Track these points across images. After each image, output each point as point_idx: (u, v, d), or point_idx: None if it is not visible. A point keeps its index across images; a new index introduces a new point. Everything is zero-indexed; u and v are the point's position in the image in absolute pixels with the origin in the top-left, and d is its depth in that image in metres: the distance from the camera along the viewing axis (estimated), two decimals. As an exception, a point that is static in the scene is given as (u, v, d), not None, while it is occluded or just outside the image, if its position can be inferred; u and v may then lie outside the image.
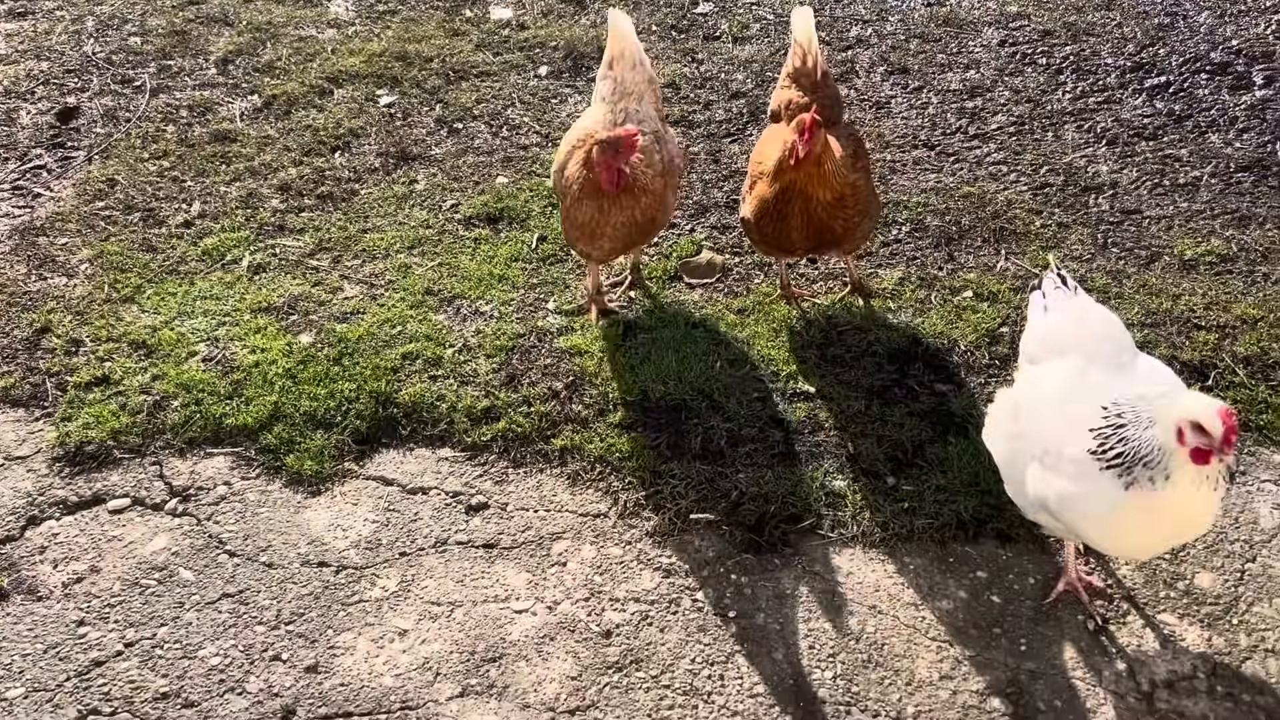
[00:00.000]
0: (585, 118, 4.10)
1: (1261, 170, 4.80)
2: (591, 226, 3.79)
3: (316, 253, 4.58)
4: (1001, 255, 4.43)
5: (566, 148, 3.94)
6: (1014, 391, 3.12)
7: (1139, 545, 2.85)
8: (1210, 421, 2.49)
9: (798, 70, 4.09)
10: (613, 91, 4.01)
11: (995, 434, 3.12)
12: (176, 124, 5.41)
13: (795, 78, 4.10)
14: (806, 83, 4.06)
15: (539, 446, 3.68)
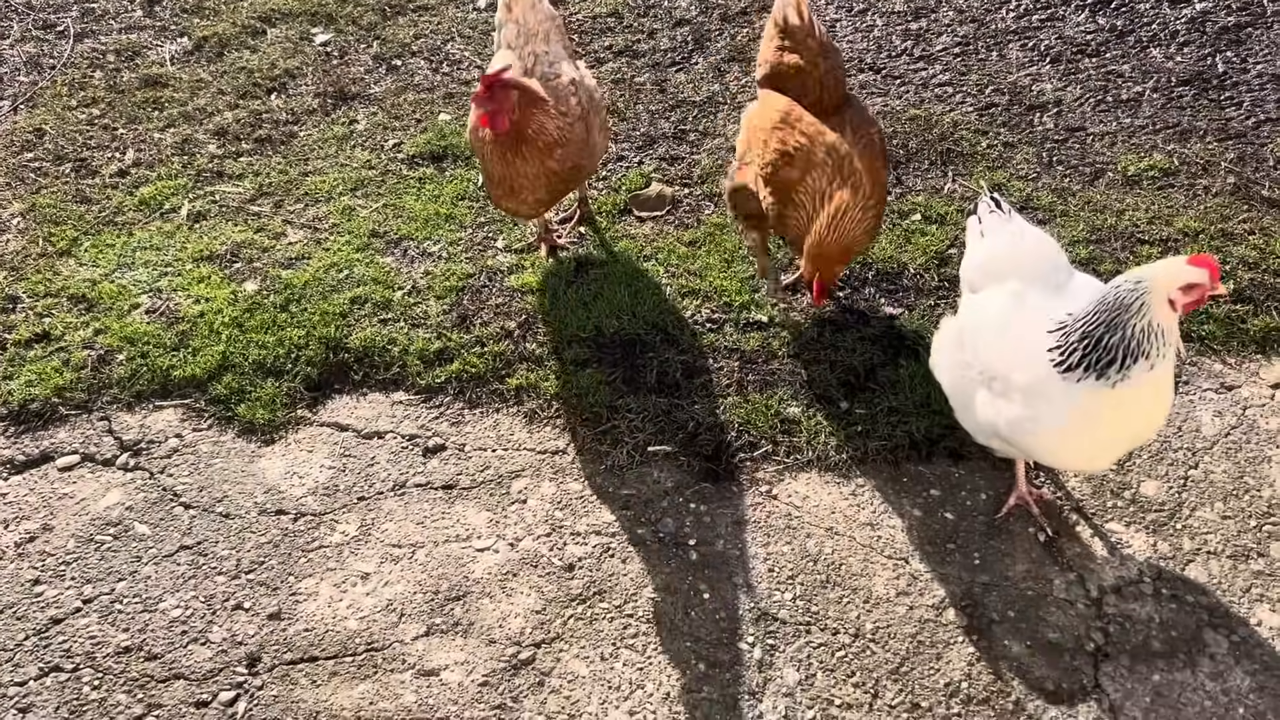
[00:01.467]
0: (492, 67, 3.76)
1: (1202, 83, 4.83)
2: (508, 182, 3.59)
3: (257, 198, 4.48)
4: (949, 177, 4.44)
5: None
6: (957, 320, 3.13)
7: (1093, 455, 2.90)
8: (1197, 275, 2.53)
9: (792, 27, 3.56)
10: (516, 35, 3.76)
11: (941, 362, 3.15)
12: (104, 69, 5.23)
13: (788, 34, 3.58)
14: (810, 44, 3.53)
15: (494, 386, 3.67)
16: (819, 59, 3.53)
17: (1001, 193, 4.23)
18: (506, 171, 3.56)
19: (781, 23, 3.60)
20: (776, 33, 3.61)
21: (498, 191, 3.68)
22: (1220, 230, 4.06)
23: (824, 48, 3.56)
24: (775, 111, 3.51)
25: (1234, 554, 3.08)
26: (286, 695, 2.86)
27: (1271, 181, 4.29)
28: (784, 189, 3.43)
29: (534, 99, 3.48)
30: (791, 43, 3.56)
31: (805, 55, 3.53)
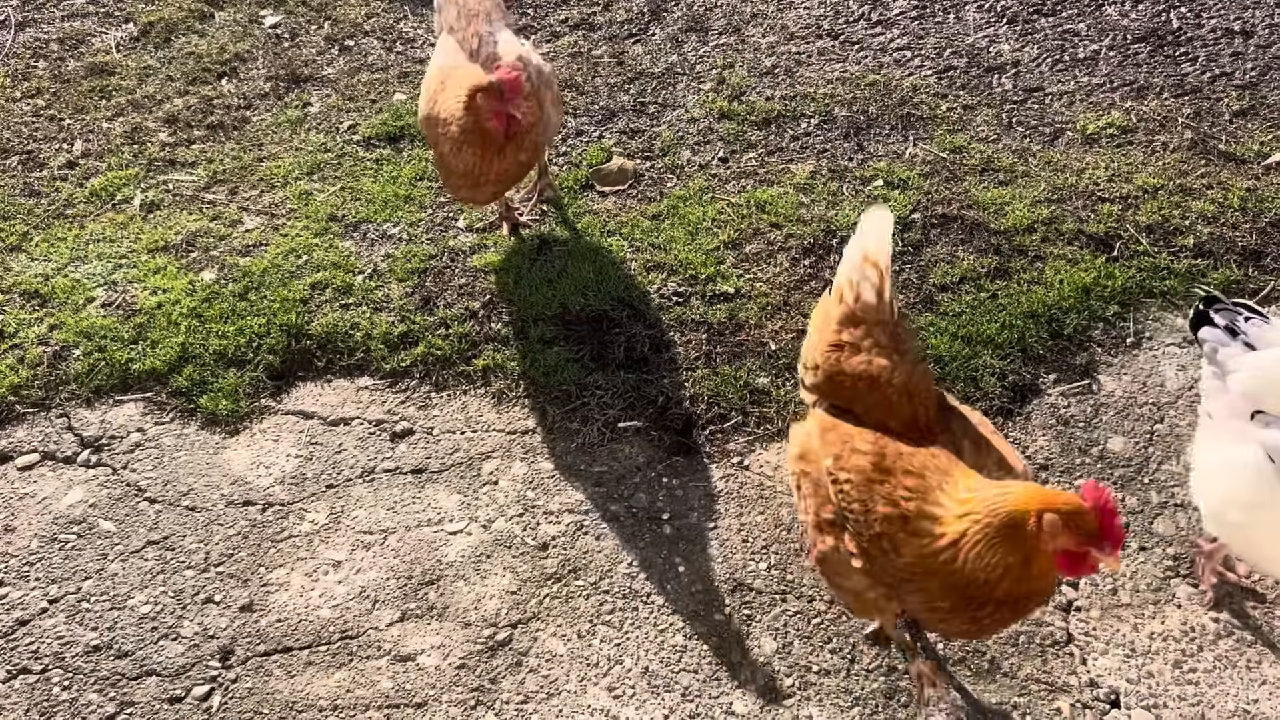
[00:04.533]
0: (438, 54, 3.74)
1: (1157, 40, 4.85)
2: (475, 175, 3.50)
3: (212, 185, 4.40)
4: (910, 141, 4.43)
5: (430, 91, 3.60)
6: (1245, 452, 2.53)
7: None
8: None
9: (865, 308, 2.51)
10: (457, 16, 3.67)
11: (1234, 495, 2.58)
12: (48, 59, 5.10)
13: (857, 320, 2.52)
14: (883, 337, 2.50)
15: (461, 368, 3.63)
16: (897, 357, 2.48)
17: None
18: (477, 166, 3.47)
19: (852, 303, 2.52)
20: (840, 317, 2.54)
21: (459, 183, 3.59)
22: (1179, 186, 4.09)
23: (899, 337, 2.52)
24: (863, 455, 2.41)
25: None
26: (261, 687, 2.83)
27: (1228, 136, 4.32)
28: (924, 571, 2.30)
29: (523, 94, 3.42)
30: (862, 332, 2.50)
31: (881, 353, 2.48)
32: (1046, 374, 3.50)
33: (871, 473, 2.36)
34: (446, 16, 3.69)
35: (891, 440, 2.40)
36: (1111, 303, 3.68)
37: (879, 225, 2.55)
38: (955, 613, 2.29)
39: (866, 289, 2.49)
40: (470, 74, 3.50)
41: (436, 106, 3.53)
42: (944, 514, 2.24)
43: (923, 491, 2.29)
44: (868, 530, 2.34)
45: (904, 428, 2.43)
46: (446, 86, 3.52)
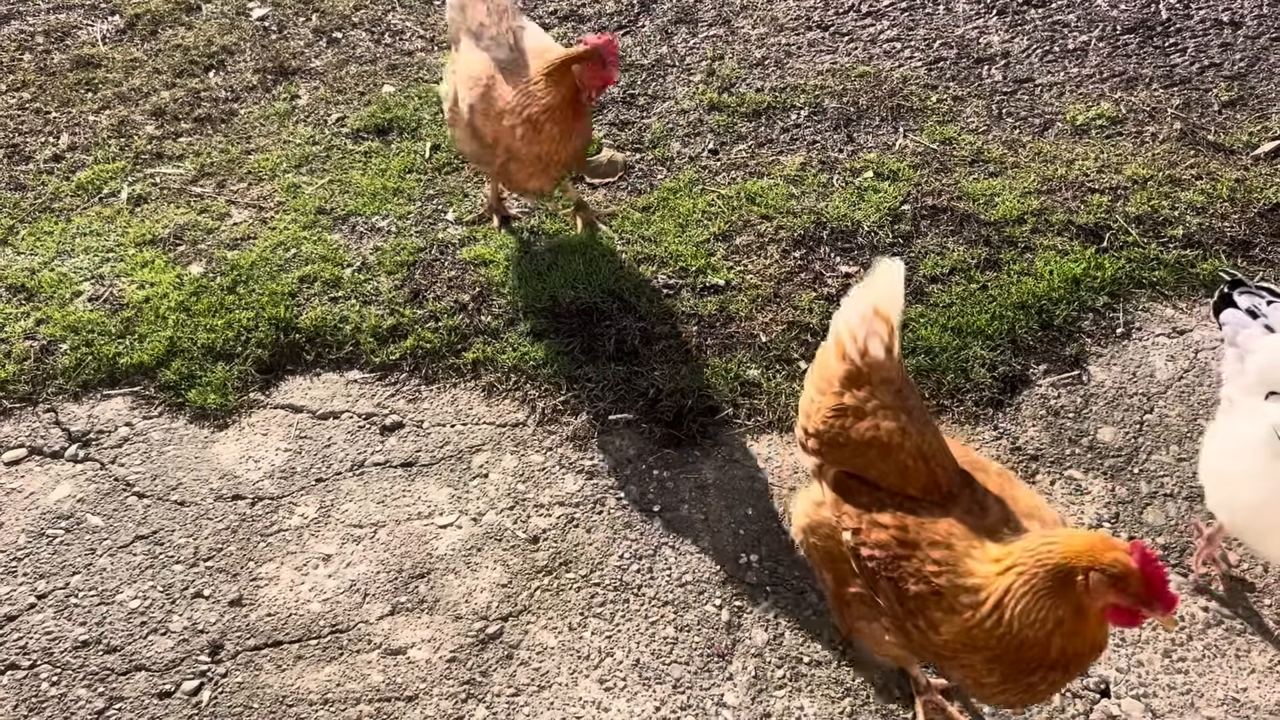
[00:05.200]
0: (468, 54, 3.59)
1: (1146, 31, 4.85)
2: (549, 158, 3.47)
3: (199, 179, 4.37)
4: (900, 133, 4.42)
5: (477, 89, 3.48)
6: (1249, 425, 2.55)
7: None
8: None
9: (873, 364, 2.33)
10: (488, 13, 3.57)
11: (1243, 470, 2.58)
12: (33, 51, 5.06)
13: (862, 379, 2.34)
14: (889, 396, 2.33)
15: (450, 361, 3.62)
16: (905, 418, 2.30)
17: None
18: (554, 148, 3.43)
19: (858, 359, 2.33)
20: (843, 376, 2.36)
21: (529, 171, 3.53)
22: (1168, 176, 4.09)
23: (904, 395, 2.34)
24: (884, 529, 2.28)
25: (1190, 495, 3.12)
26: (251, 681, 2.82)
27: (1216, 126, 4.32)
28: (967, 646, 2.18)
29: None
30: (866, 393, 2.32)
31: (889, 416, 2.30)
32: (1036, 365, 3.50)
33: (897, 548, 2.23)
34: (475, 14, 3.58)
35: (911, 511, 2.27)
36: (1101, 293, 3.68)
37: (890, 277, 2.36)
38: (1006, 683, 2.17)
39: (875, 344, 2.30)
40: (535, 54, 3.51)
41: (497, 100, 3.44)
42: (981, 579, 2.12)
43: (952, 563, 2.16)
44: (902, 609, 2.24)
45: (923, 492, 2.29)
46: (499, 80, 3.46)
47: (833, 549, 2.41)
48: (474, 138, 3.58)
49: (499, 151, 3.52)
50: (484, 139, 3.53)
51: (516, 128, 3.42)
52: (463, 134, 3.65)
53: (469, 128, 3.57)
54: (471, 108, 3.51)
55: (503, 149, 3.50)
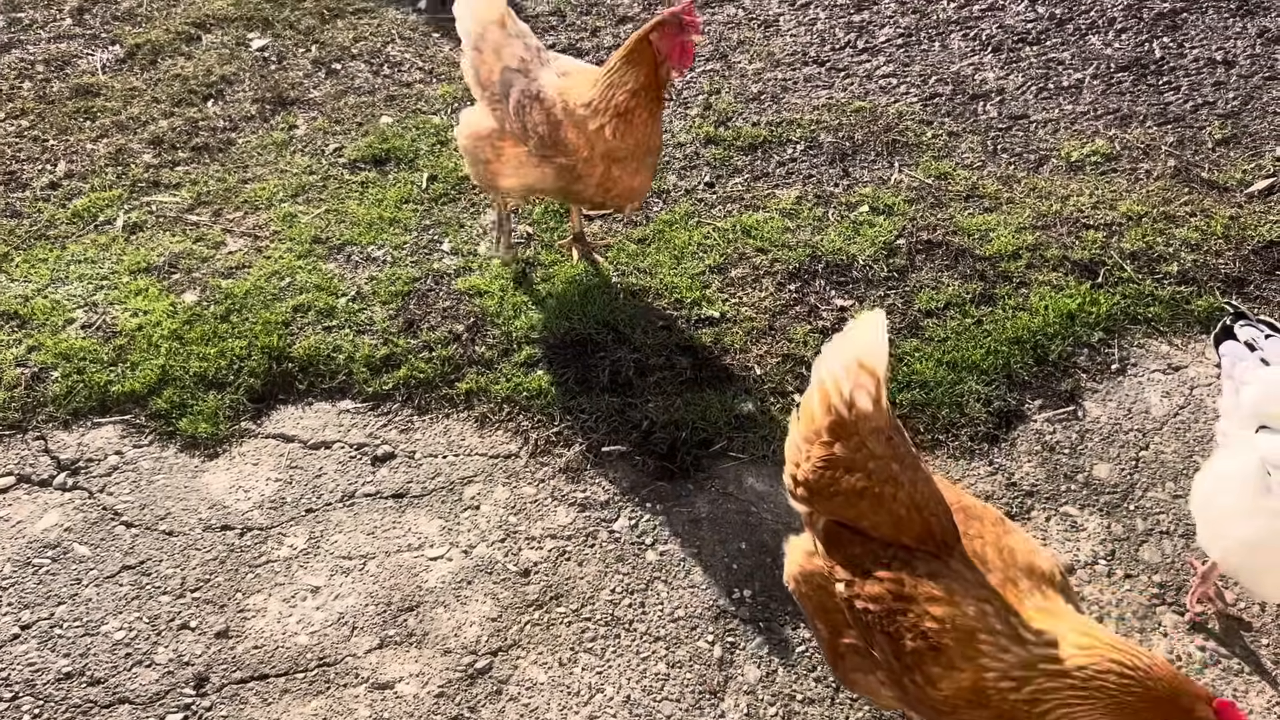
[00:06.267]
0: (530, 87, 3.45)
1: (1140, 69, 4.89)
2: (647, 144, 3.40)
3: (195, 207, 4.37)
4: (895, 167, 4.44)
5: (554, 107, 3.40)
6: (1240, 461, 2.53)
7: None
8: None
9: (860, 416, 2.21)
10: (526, 48, 3.54)
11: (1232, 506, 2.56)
12: (33, 80, 5.08)
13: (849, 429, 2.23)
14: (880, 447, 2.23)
15: (444, 391, 3.60)
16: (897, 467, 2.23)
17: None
18: (645, 135, 3.37)
19: (845, 411, 2.23)
20: (830, 426, 2.26)
21: (632, 168, 3.44)
22: (1163, 213, 4.10)
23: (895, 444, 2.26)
24: (880, 582, 2.23)
25: (1186, 533, 3.10)
26: (237, 715, 2.78)
27: (1210, 164, 4.34)
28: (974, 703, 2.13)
29: None
30: (855, 444, 2.23)
31: (879, 465, 2.23)
32: (1032, 400, 3.49)
33: (892, 602, 2.17)
34: (513, 52, 3.54)
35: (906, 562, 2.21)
36: (1096, 329, 3.68)
37: (872, 329, 2.26)
38: None
39: (862, 397, 2.21)
40: (587, 72, 3.50)
41: (576, 107, 3.39)
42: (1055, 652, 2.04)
43: (951, 620, 2.10)
44: (899, 664, 2.19)
45: (917, 542, 2.23)
46: (569, 90, 3.43)
47: (826, 600, 2.36)
48: (552, 161, 3.47)
49: (596, 160, 3.40)
50: (573, 153, 3.41)
51: (606, 126, 3.35)
52: (531, 170, 3.54)
53: (550, 149, 3.44)
54: (552, 125, 3.40)
55: (600, 154, 3.39)
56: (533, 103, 3.44)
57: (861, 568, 2.26)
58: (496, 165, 3.65)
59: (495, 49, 3.57)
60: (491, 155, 3.65)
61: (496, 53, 3.57)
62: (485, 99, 3.62)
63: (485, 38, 3.58)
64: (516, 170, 3.59)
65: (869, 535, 2.29)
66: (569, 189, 3.55)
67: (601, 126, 3.36)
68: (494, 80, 3.56)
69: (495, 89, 3.56)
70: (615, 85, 3.34)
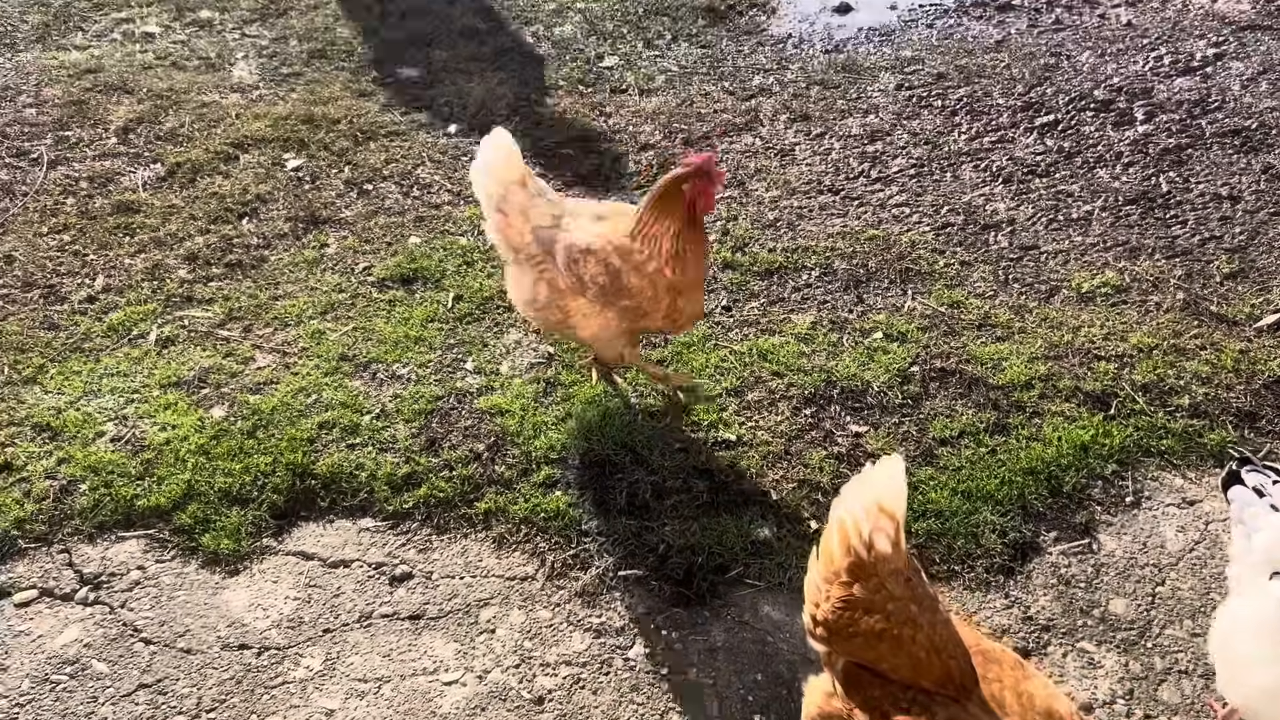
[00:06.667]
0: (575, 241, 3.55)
1: (1148, 203, 5.02)
2: (700, 274, 3.58)
3: (227, 323, 4.50)
4: (908, 295, 4.54)
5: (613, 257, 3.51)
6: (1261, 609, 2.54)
7: None
8: None
9: (879, 558, 2.26)
10: (550, 203, 3.65)
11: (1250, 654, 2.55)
12: (76, 196, 5.29)
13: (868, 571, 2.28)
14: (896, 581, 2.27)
15: (462, 511, 3.65)
16: (915, 609, 2.26)
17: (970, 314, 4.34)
18: (695, 266, 3.54)
19: (864, 553, 2.27)
20: (848, 568, 2.30)
21: (694, 295, 3.60)
22: (1173, 346, 4.17)
23: (913, 585, 2.29)
24: None
25: (1205, 673, 3.08)
26: (246, 843, 2.75)
27: (1219, 297, 4.43)
28: None
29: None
30: (874, 585, 2.27)
31: (899, 607, 2.25)
32: (1047, 532, 3.51)
33: None
34: (540, 210, 3.64)
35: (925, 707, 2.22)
36: (1110, 461, 3.72)
37: (892, 472, 2.31)
38: None
39: (881, 540, 2.24)
40: (620, 212, 3.63)
41: (633, 251, 3.50)
42: None
43: None
44: None
45: (936, 685, 2.24)
46: (612, 235, 3.54)
47: None
48: (616, 305, 3.58)
49: (661, 295, 3.54)
50: (637, 295, 3.54)
51: (664, 267, 3.50)
52: (597, 316, 3.63)
53: (614, 296, 3.55)
54: (612, 274, 3.52)
55: (664, 290, 3.53)
56: (585, 256, 3.54)
57: (880, 710, 2.27)
58: (568, 321, 3.70)
59: (521, 211, 3.64)
60: (560, 315, 3.69)
61: (523, 214, 3.64)
62: (522, 260, 3.68)
63: (509, 200, 3.65)
64: (585, 320, 3.66)
65: (888, 678, 2.30)
66: (637, 325, 3.67)
67: (659, 268, 3.50)
68: (527, 241, 3.64)
69: (531, 249, 3.63)
70: (659, 233, 3.49)
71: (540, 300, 3.69)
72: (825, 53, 6.59)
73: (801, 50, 6.63)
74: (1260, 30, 6.46)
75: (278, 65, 6.52)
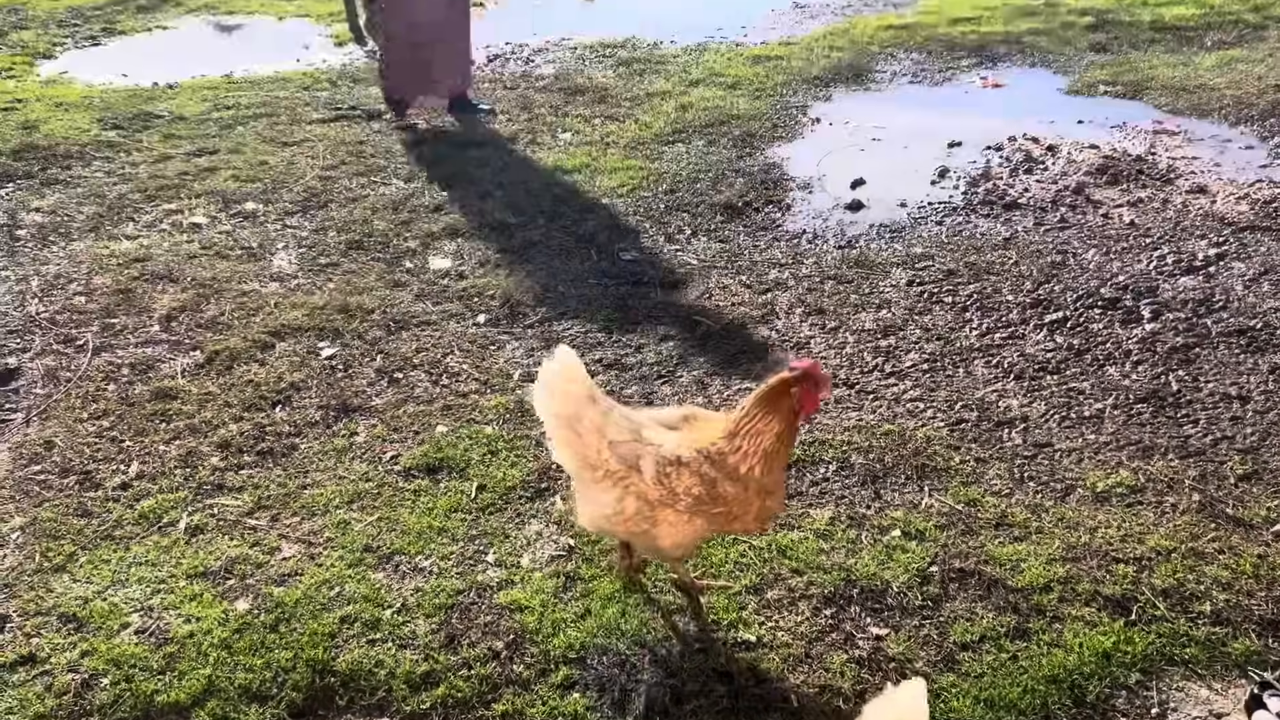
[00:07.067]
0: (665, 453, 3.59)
1: (1158, 401, 5.12)
2: (781, 478, 3.65)
3: (255, 511, 4.59)
4: (925, 492, 4.61)
5: (698, 467, 3.55)
6: None
7: None
8: None
9: None
10: (623, 415, 3.68)
11: None
12: (118, 382, 5.49)
13: None
14: None
15: (480, 713, 3.63)
16: None
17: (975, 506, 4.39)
18: (784, 466, 3.64)
19: None
20: None
21: (779, 494, 3.67)
22: (1191, 549, 4.19)
23: None
24: None
25: None
26: None
27: (1234, 500, 4.47)
28: None
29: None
30: None
31: None
32: (1072, 745, 3.46)
33: None
34: (615, 424, 3.64)
35: None
36: (1133, 670, 3.69)
37: (914, 696, 2.38)
38: None
39: None
40: (707, 420, 3.72)
41: (726, 457, 3.56)
42: None
43: None
44: None
45: None
46: (699, 442, 3.61)
47: None
48: (708, 512, 3.61)
49: (751, 499, 3.59)
50: (731, 501, 3.59)
51: (756, 467, 3.55)
52: (685, 525, 3.65)
53: (709, 504, 3.59)
54: (708, 483, 3.56)
55: (754, 493, 3.59)
56: (677, 469, 3.58)
57: None
58: (654, 532, 3.71)
59: (596, 428, 3.63)
60: (646, 525, 3.70)
61: (598, 431, 3.63)
62: (602, 478, 3.67)
63: (582, 419, 3.64)
64: (671, 530, 3.67)
65: None
66: (724, 529, 3.73)
67: (752, 468, 3.56)
68: (605, 459, 3.63)
69: (611, 465, 3.63)
70: (761, 431, 3.56)
71: (627, 513, 3.67)
72: (838, 248, 6.87)
73: (815, 246, 6.92)
74: (1260, 231, 6.73)
75: (316, 255, 6.85)
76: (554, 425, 3.71)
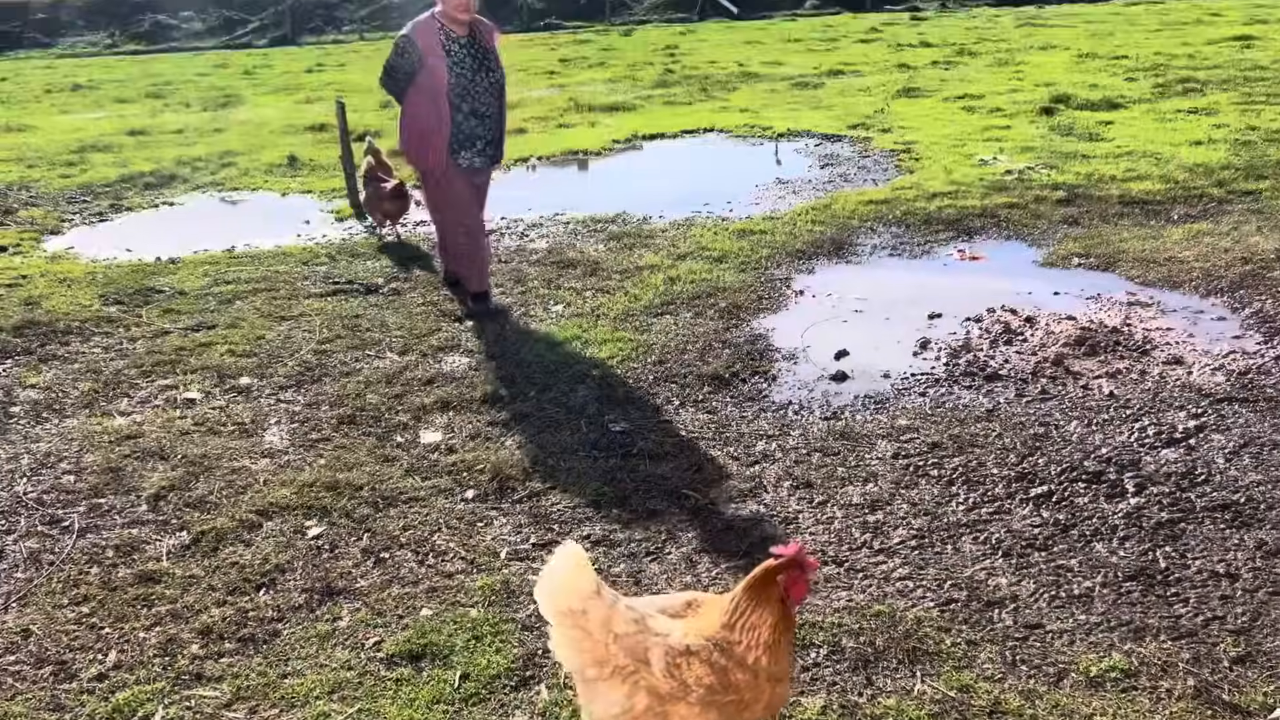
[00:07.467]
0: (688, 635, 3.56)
1: (1147, 579, 5.10)
2: (788, 665, 3.64)
3: (234, 703, 4.48)
4: (918, 678, 4.53)
5: (712, 662, 3.50)
6: None
7: None
8: None
9: None
10: (629, 608, 3.58)
11: None
12: (101, 565, 5.45)
13: None
14: None
15: None
16: None
17: (970, 692, 4.32)
18: (790, 654, 3.62)
19: None
20: None
21: (787, 681, 3.64)
22: (1189, 738, 4.10)
23: None
24: None
25: None
26: None
27: (1229, 684, 4.40)
28: None
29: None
30: None
31: None
32: None
33: None
34: (621, 617, 3.53)
35: None
36: None
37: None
38: None
39: None
40: (708, 605, 3.70)
41: (734, 646, 3.53)
42: None
43: None
44: None
45: None
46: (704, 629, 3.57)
47: None
48: (720, 703, 3.53)
49: (763, 685, 3.56)
50: (744, 690, 3.53)
51: (761, 657, 3.54)
52: (698, 717, 3.55)
53: (720, 693, 3.51)
54: (719, 672, 3.49)
55: (765, 679, 3.56)
56: (687, 659, 3.51)
57: None
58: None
59: (604, 623, 3.53)
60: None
61: (605, 626, 3.53)
62: (610, 675, 3.55)
63: (589, 615, 3.53)
64: None
65: None
66: (737, 717, 3.63)
67: (759, 658, 3.54)
68: (613, 654, 3.52)
69: (619, 659, 3.52)
70: (756, 625, 3.56)
71: (638, 709, 3.55)
72: (824, 419, 6.96)
73: (802, 417, 7.01)
74: (1237, 403, 6.84)
75: (308, 431, 6.91)
76: (559, 622, 3.60)
